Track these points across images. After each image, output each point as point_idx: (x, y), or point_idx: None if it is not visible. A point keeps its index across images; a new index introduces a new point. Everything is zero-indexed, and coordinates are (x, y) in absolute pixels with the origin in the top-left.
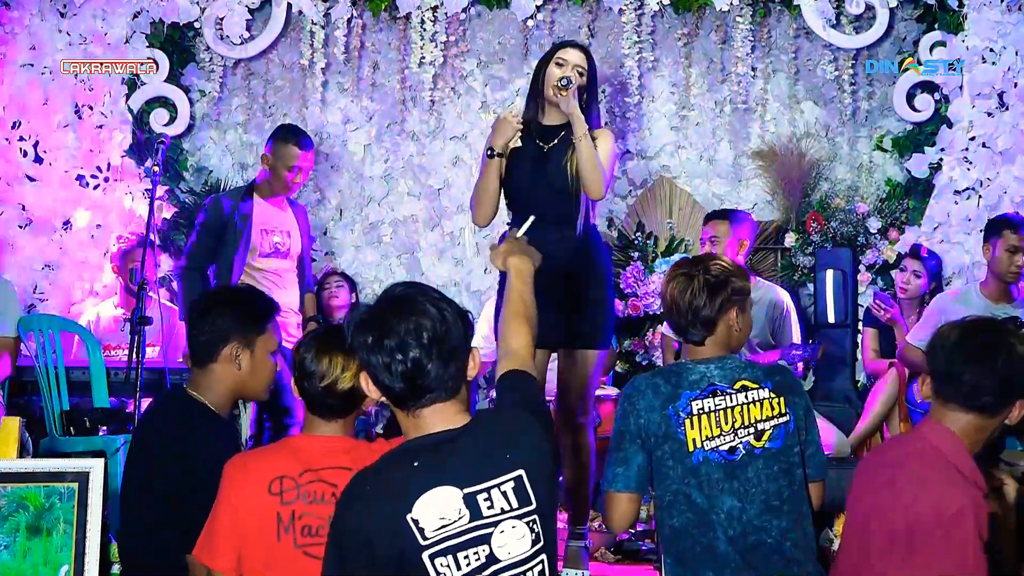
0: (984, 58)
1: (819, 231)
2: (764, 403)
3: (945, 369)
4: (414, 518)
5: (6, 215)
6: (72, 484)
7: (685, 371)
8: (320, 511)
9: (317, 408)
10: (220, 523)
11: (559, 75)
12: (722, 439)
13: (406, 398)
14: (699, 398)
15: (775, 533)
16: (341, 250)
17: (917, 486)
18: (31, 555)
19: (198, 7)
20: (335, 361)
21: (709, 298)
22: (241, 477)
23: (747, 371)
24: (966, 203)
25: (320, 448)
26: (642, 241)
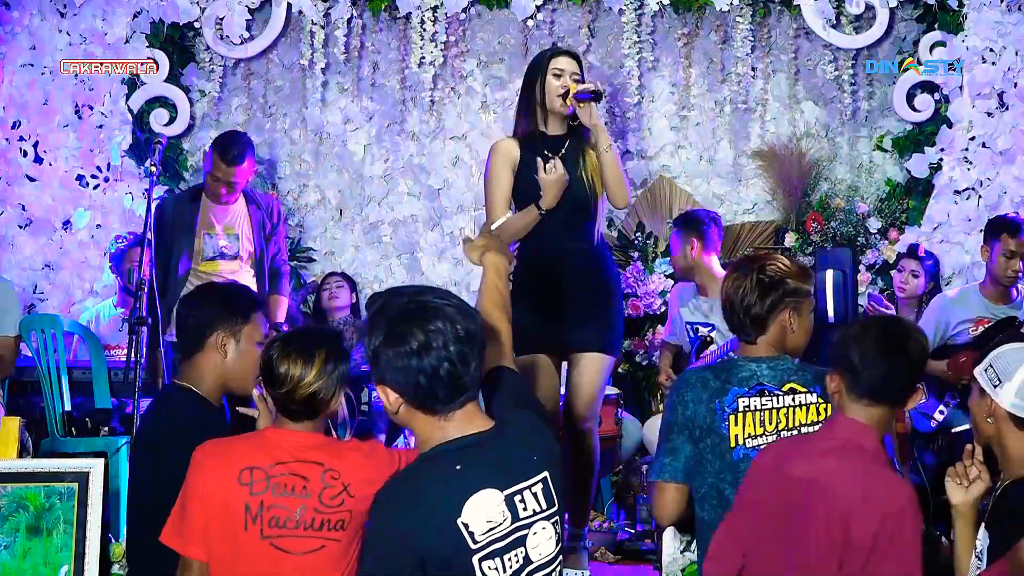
0: (984, 58)
1: (819, 231)
2: (811, 408)
3: (859, 364)
4: (464, 522)
5: (6, 215)
6: (72, 484)
7: (736, 367)
8: (289, 503)
9: (281, 410)
10: (190, 509)
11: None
12: (764, 439)
13: (446, 401)
14: (746, 396)
15: None
16: (341, 250)
17: (852, 484)
18: (31, 555)
19: (198, 7)
20: (294, 365)
21: (760, 297)
22: (211, 465)
23: (798, 374)
24: (966, 203)
25: (292, 442)
26: (642, 241)
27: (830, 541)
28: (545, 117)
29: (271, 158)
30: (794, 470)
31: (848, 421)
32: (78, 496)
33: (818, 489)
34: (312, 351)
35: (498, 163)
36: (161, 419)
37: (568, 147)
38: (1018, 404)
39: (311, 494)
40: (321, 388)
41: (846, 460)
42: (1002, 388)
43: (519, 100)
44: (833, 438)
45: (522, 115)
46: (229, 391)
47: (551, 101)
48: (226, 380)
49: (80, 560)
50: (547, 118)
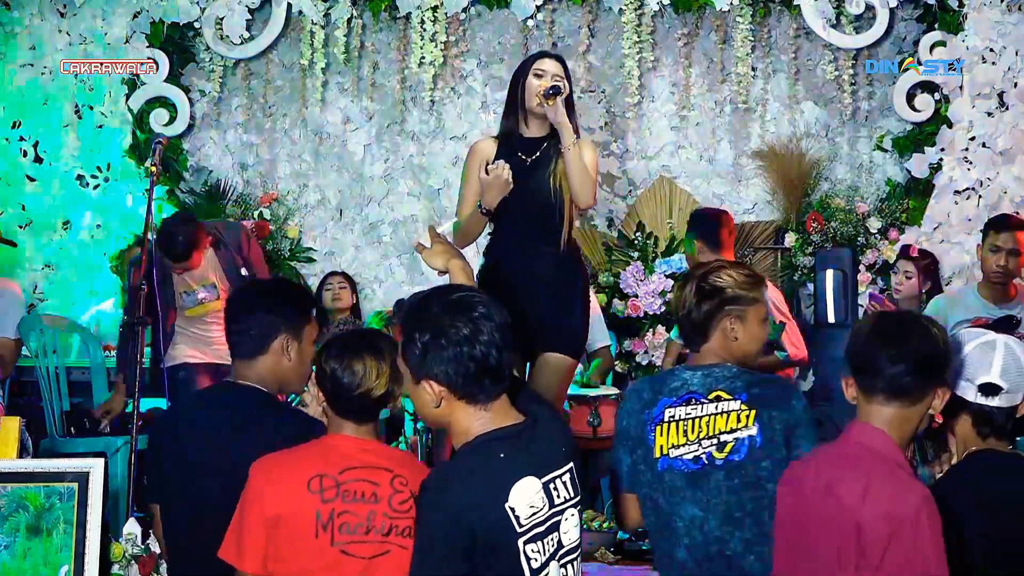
0: (984, 58)
1: (819, 231)
2: (732, 415)
3: (864, 362)
4: (511, 506)
5: (6, 215)
6: (72, 484)
7: (671, 377)
8: (359, 509)
9: (350, 413)
10: (249, 523)
11: (542, 85)
12: (686, 448)
13: (489, 389)
14: (673, 405)
15: (735, 545)
16: (341, 250)
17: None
18: (31, 555)
19: (198, 7)
20: (370, 367)
21: (697, 304)
22: (277, 476)
23: (728, 381)
24: (966, 203)
25: (358, 448)
26: (642, 241)
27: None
28: (525, 118)
29: (271, 158)
30: (806, 481)
31: (861, 426)
32: (78, 496)
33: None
34: (381, 352)
35: (471, 162)
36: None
37: (543, 150)
38: (960, 384)
39: (381, 499)
40: (391, 386)
41: (855, 467)
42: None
43: (505, 100)
44: (845, 444)
45: (505, 116)
46: (284, 391)
47: (529, 101)
48: (284, 381)
49: (80, 560)
50: (527, 119)
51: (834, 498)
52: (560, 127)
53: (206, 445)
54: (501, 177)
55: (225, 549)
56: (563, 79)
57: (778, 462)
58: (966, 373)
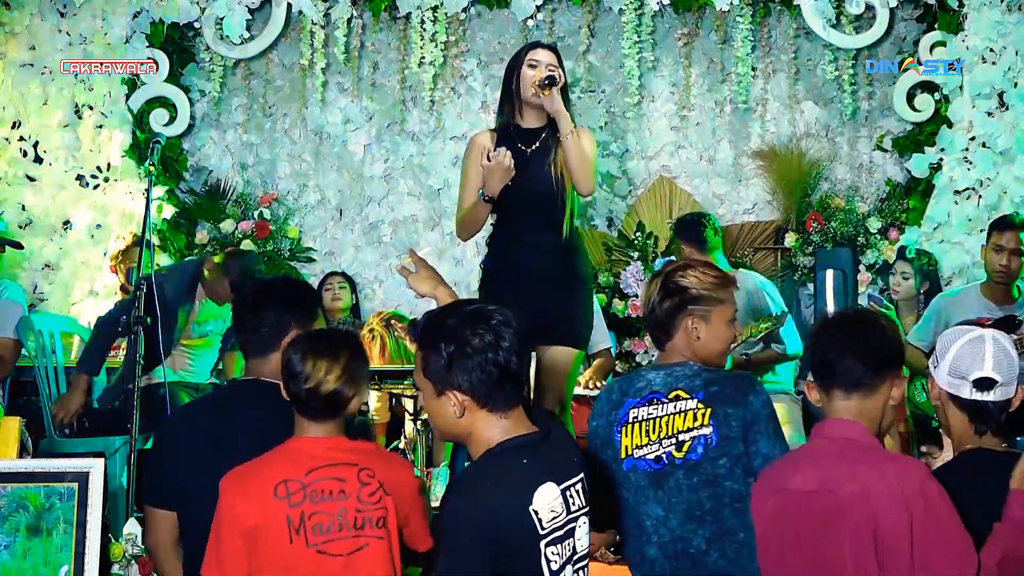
0: (984, 58)
1: (819, 231)
2: (689, 414)
3: (819, 361)
4: (535, 509)
5: (6, 215)
6: (72, 484)
7: (637, 378)
8: (329, 508)
9: (304, 410)
10: (225, 537)
11: (537, 75)
12: (649, 448)
13: (510, 396)
14: (637, 406)
15: (698, 543)
16: (341, 250)
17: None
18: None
19: (198, 7)
20: (319, 364)
21: (659, 302)
22: (242, 488)
23: (687, 380)
24: (966, 203)
25: (321, 446)
26: (642, 241)
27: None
28: (521, 109)
29: (271, 158)
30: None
31: (833, 421)
32: (78, 496)
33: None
34: (337, 350)
35: (471, 154)
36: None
37: (542, 140)
38: (952, 382)
39: (349, 495)
40: (344, 387)
41: (846, 460)
42: (938, 368)
43: (500, 93)
44: (823, 441)
45: (500, 107)
46: None
47: (524, 91)
48: None
49: (80, 560)
50: (523, 110)
51: (833, 495)
52: (557, 115)
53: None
54: (503, 164)
55: (206, 568)
56: (557, 69)
57: (735, 459)
58: (958, 370)
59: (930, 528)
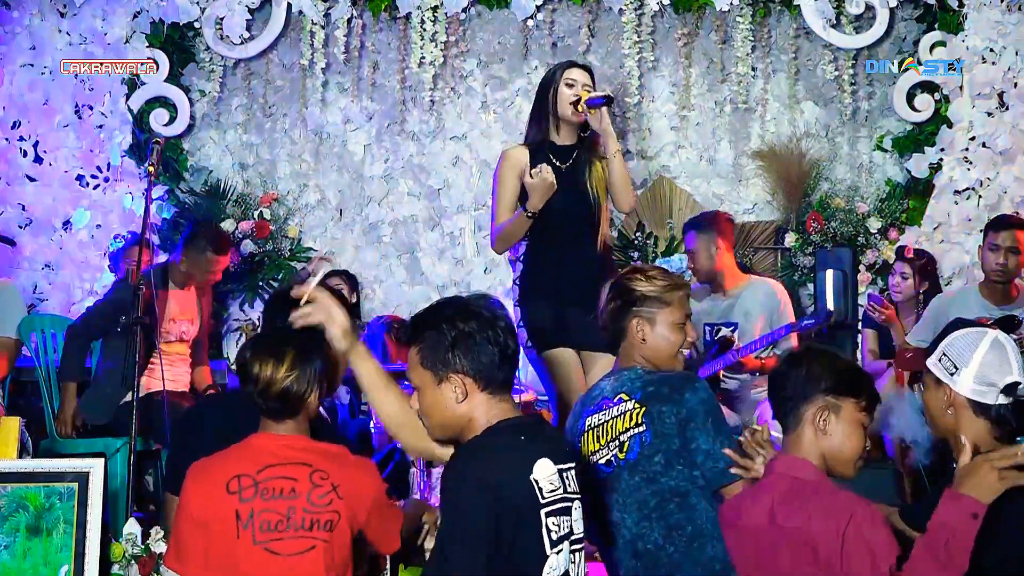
0: (984, 58)
1: (819, 231)
2: (627, 415)
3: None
4: (535, 479)
5: (6, 215)
6: (72, 484)
7: (594, 388)
8: (278, 506)
9: (262, 411)
10: (183, 528)
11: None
12: (600, 453)
13: (507, 378)
14: (592, 413)
15: (655, 539)
16: (341, 250)
17: (802, 515)
18: (31, 555)
19: (198, 7)
20: (265, 364)
21: (606, 304)
22: (198, 481)
23: (630, 383)
24: (966, 203)
25: (279, 445)
26: (642, 241)
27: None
28: (557, 126)
29: (271, 158)
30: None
31: (783, 457)
32: (78, 496)
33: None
34: (282, 349)
35: (506, 170)
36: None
37: (576, 156)
38: (978, 389)
39: (299, 495)
40: (292, 385)
41: (789, 494)
42: (959, 375)
43: (532, 109)
44: (771, 476)
45: (533, 124)
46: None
47: (563, 109)
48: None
49: (80, 560)
50: (559, 127)
51: (779, 529)
52: (605, 135)
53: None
54: (546, 180)
55: (168, 558)
56: (591, 88)
57: (672, 455)
58: (987, 378)
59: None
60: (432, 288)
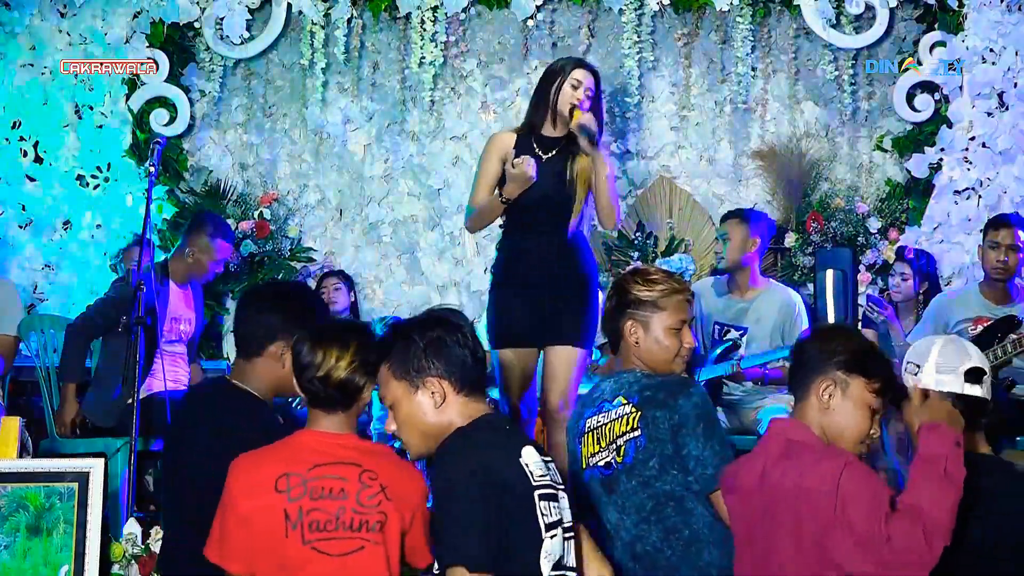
0: (984, 58)
1: (819, 231)
2: (624, 418)
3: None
4: (525, 462)
5: (6, 215)
6: (72, 484)
7: (594, 388)
8: (327, 506)
9: (316, 401)
10: (229, 524)
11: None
12: (600, 455)
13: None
14: (593, 415)
15: (654, 541)
16: (341, 250)
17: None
18: (31, 555)
19: (198, 7)
20: (329, 352)
21: (605, 302)
22: (246, 477)
23: (628, 386)
24: (966, 203)
25: (328, 443)
26: (642, 241)
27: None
28: (552, 118)
29: (271, 158)
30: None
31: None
32: (78, 496)
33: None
34: (347, 338)
35: (491, 152)
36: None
37: (560, 148)
38: (941, 379)
39: (349, 495)
40: (355, 375)
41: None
42: (921, 371)
43: (533, 93)
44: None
45: (531, 108)
46: (279, 396)
47: (562, 107)
48: (280, 387)
49: (80, 560)
50: (553, 120)
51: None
52: (594, 159)
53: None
54: (525, 173)
55: (209, 549)
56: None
57: (666, 460)
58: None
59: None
60: (432, 288)
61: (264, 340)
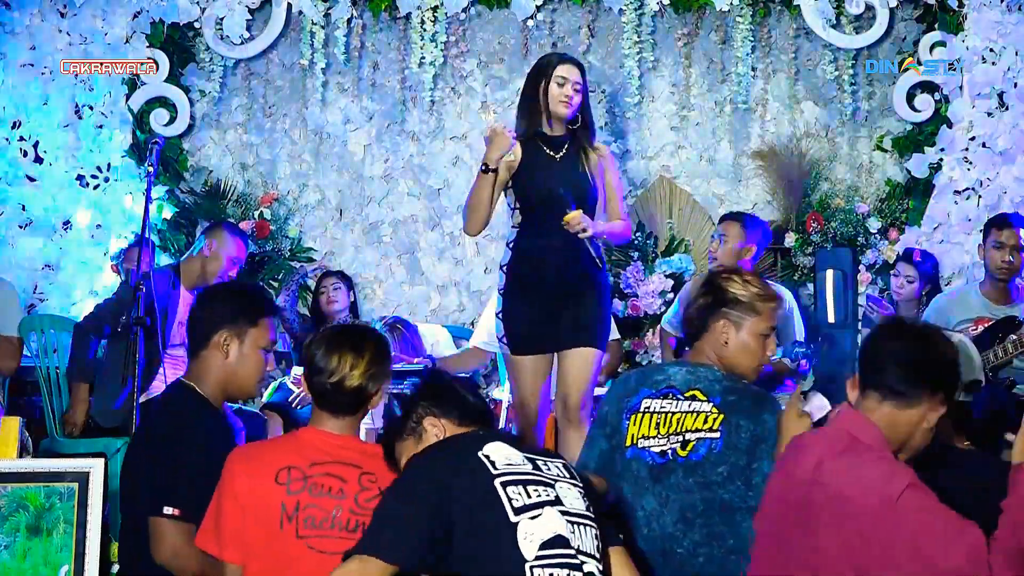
0: (984, 58)
1: (819, 231)
2: (701, 416)
3: (866, 358)
4: (485, 454)
5: (6, 215)
6: (72, 484)
7: (657, 370)
8: (325, 504)
9: (326, 404)
10: (226, 512)
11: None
12: (656, 441)
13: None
14: (652, 397)
15: (687, 544)
16: (341, 250)
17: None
18: (31, 555)
19: (198, 7)
20: (344, 358)
21: (695, 298)
22: (247, 467)
23: (708, 383)
24: (966, 203)
25: (330, 443)
26: (642, 241)
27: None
28: (549, 119)
29: (271, 158)
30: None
31: (851, 413)
32: (78, 496)
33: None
34: (362, 345)
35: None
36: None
37: (569, 145)
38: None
39: (347, 495)
40: (369, 382)
41: (846, 455)
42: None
43: (519, 101)
44: (835, 434)
45: (522, 117)
46: (230, 394)
47: (554, 107)
48: (227, 382)
49: (80, 560)
50: (550, 120)
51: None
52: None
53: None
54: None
55: (203, 538)
56: (581, 85)
57: (737, 470)
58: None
59: (919, 526)
60: (432, 288)
61: (209, 332)
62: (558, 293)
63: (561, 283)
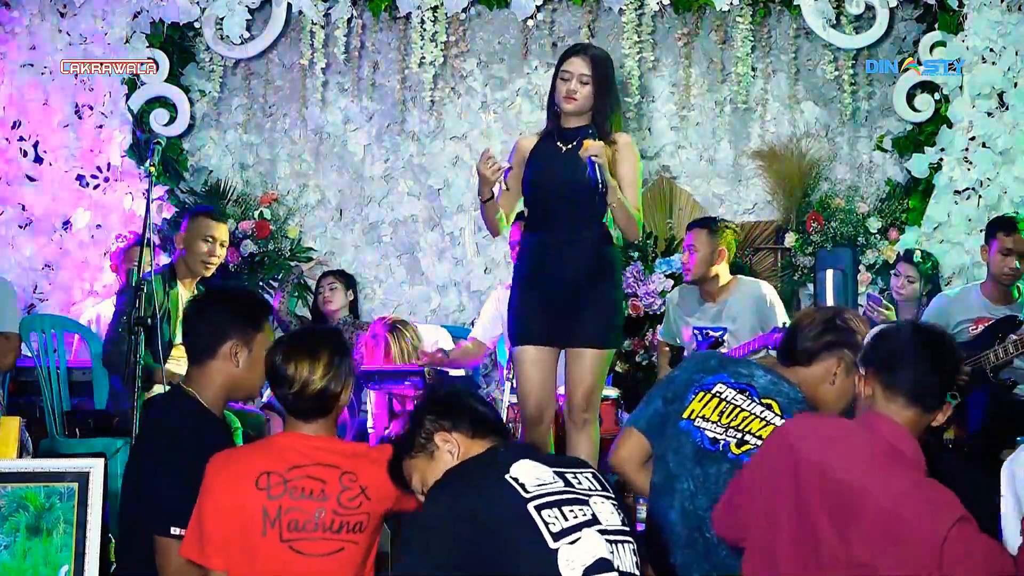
0: (984, 58)
1: (819, 231)
2: (769, 427)
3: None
4: (513, 477)
5: (6, 215)
6: (72, 484)
7: (744, 364)
8: (307, 506)
9: (296, 412)
10: (208, 520)
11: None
12: (713, 427)
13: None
14: (729, 386)
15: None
16: (341, 250)
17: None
18: (31, 555)
19: (198, 7)
20: (301, 365)
21: (818, 332)
22: (226, 473)
23: (788, 400)
24: (966, 203)
25: (308, 446)
26: (642, 241)
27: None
28: (560, 115)
29: (271, 158)
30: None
31: (890, 422)
32: (78, 496)
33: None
34: (318, 349)
35: (514, 158)
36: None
37: (580, 137)
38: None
39: (329, 496)
40: (330, 384)
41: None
42: None
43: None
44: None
45: (549, 110)
46: (234, 398)
47: (559, 102)
48: (234, 388)
49: (80, 560)
50: (562, 116)
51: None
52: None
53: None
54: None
55: (187, 547)
56: (591, 76)
57: None
58: None
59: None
60: (432, 288)
61: (215, 343)
62: (563, 286)
63: (568, 278)
